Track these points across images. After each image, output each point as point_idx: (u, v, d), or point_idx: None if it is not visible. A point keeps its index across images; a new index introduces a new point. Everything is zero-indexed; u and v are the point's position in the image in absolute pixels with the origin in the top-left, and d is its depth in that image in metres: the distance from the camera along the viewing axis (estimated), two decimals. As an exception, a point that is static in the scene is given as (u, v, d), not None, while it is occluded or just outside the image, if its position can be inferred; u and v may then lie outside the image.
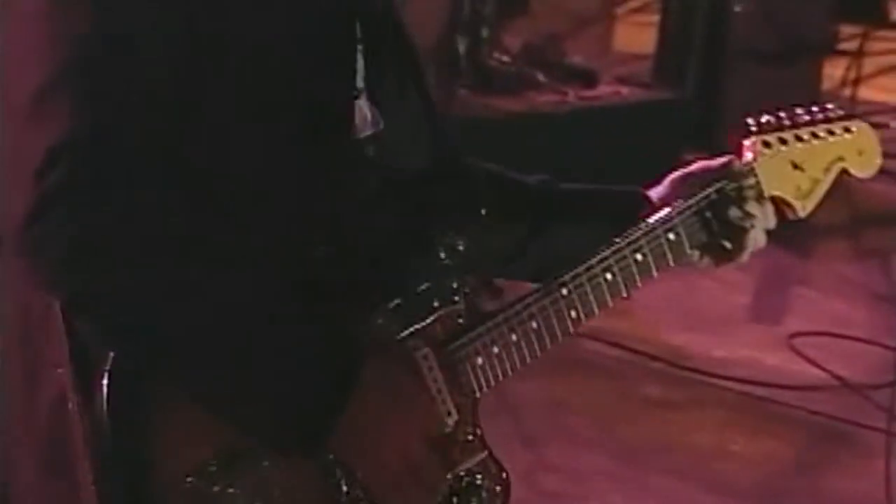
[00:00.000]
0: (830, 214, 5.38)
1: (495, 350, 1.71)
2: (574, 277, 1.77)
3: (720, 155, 1.93)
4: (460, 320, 1.70)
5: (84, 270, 1.47)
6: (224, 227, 1.56)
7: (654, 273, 1.83)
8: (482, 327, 1.71)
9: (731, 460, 3.70)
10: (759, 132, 1.94)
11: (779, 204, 1.94)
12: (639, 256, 1.81)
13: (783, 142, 1.95)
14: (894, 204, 5.38)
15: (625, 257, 1.80)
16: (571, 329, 1.78)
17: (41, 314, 1.56)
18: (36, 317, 1.57)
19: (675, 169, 1.95)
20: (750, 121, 1.94)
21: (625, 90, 5.47)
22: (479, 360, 1.70)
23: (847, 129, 2.03)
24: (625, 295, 1.81)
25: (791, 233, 1.98)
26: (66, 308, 1.52)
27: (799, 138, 1.97)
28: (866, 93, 6.17)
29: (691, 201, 1.85)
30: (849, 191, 5.44)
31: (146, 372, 1.53)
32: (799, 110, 1.98)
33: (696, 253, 1.88)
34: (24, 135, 1.47)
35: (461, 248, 1.74)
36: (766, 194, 1.91)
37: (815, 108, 1.99)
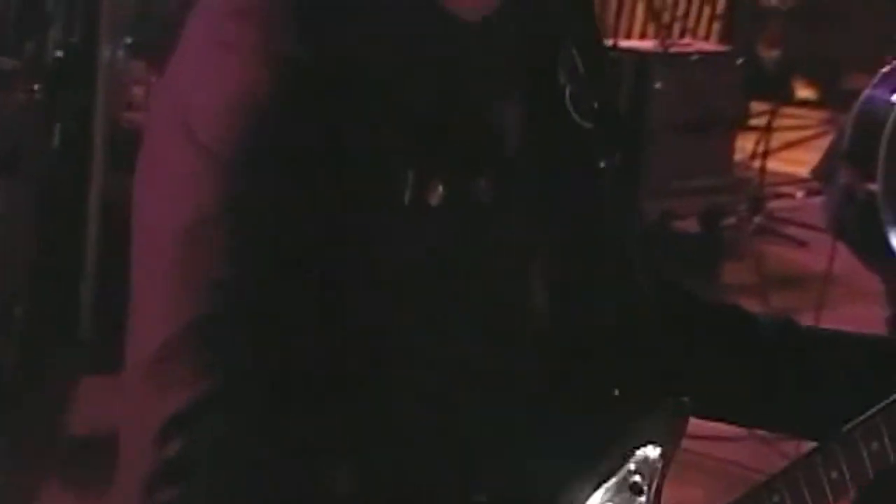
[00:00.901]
0: (743, 276, 5.51)
1: None
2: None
3: None
4: None
5: None
6: None
7: None
8: None
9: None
10: None
11: None
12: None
13: None
14: (801, 267, 5.49)
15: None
16: None
17: None
18: None
19: None
20: None
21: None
22: None
23: None
24: None
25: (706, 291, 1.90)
26: None
27: None
28: (774, 165, 6.30)
29: None
30: (760, 255, 5.58)
31: None
32: None
33: None
34: (142, 395, 1.22)
35: None
36: None
37: None
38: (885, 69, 3.47)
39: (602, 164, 1.44)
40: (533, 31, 1.38)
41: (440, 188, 1.26)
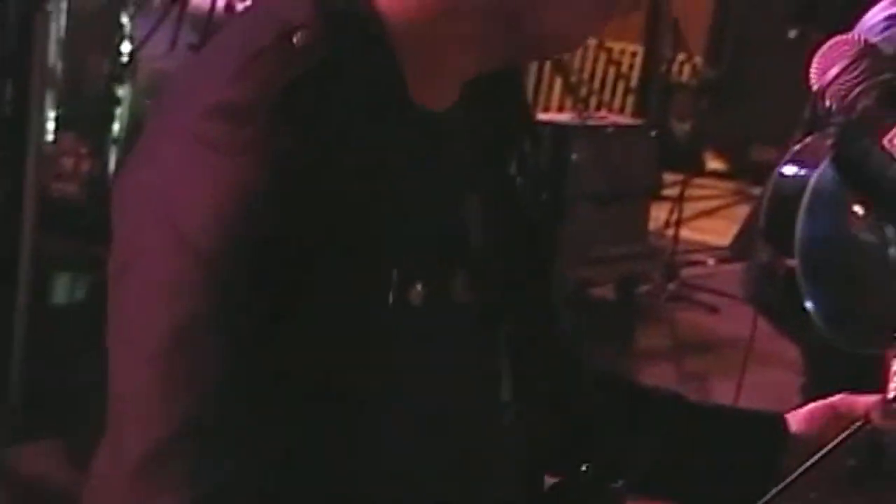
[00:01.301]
0: (658, 342, 5.57)
1: None
2: None
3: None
4: None
5: None
6: None
7: None
8: None
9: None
10: None
11: None
12: None
13: None
14: (713, 333, 5.55)
15: None
16: None
17: None
18: None
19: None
20: None
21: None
22: None
23: None
24: None
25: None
26: None
27: None
28: (686, 233, 6.38)
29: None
30: (674, 321, 5.64)
31: None
32: None
33: None
34: (128, 499, 1.19)
35: None
36: None
37: None
38: (797, 147, 3.54)
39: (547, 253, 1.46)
40: (486, 123, 1.38)
41: (419, 287, 1.25)
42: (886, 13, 3.21)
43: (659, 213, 6.33)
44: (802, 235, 3.33)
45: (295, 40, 1.22)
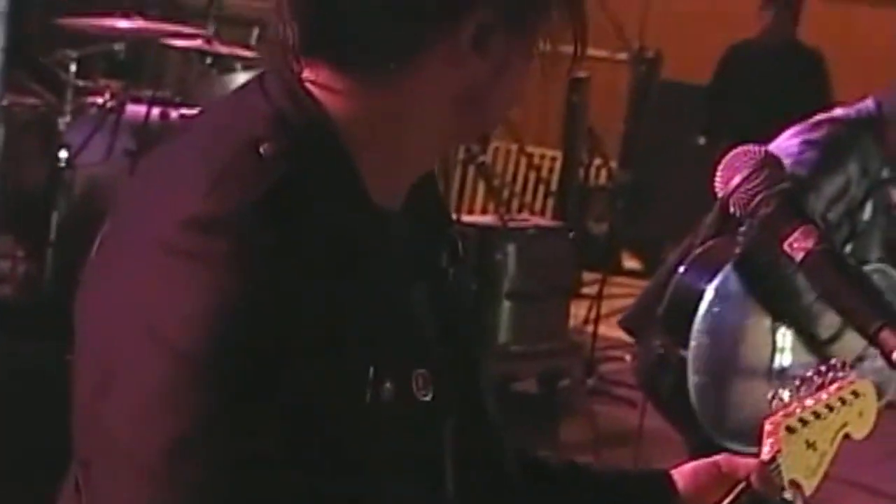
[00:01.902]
0: (578, 434, 5.59)
1: None
2: None
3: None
4: None
5: None
6: None
7: None
8: None
9: None
10: (785, 414, 1.63)
11: (789, 486, 1.62)
12: None
13: (804, 423, 1.64)
14: (631, 425, 5.57)
15: None
16: None
17: None
18: None
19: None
20: (778, 402, 1.63)
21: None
22: None
23: (856, 394, 1.72)
24: None
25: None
26: None
27: (817, 415, 1.66)
28: (604, 330, 6.42)
29: None
30: (593, 414, 5.67)
31: None
32: (813, 375, 1.69)
33: None
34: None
35: None
36: (786, 483, 1.60)
37: (825, 369, 1.70)
38: (698, 251, 3.59)
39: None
40: (417, 216, 1.41)
41: (388, 384, 1.26)
42: (802, 138, 3.31)
43: (578, 311, 6.38)
44: (699, 331, 3.39)
45: (261, 152, 1.25)
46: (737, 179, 1.39)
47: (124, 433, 1.21)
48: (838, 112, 3.47)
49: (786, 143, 3.33)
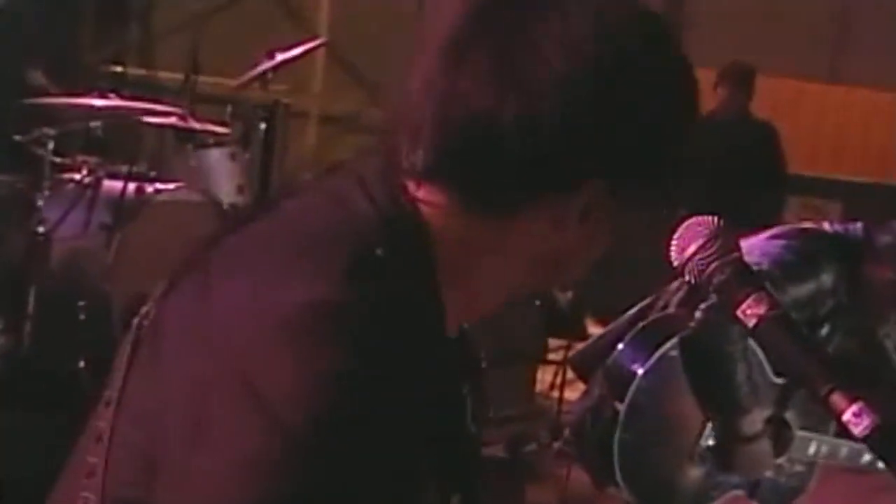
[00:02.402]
0: (544, 497, 5.57)
1: None
2: None
3: None
4: None
5: None
6: None
7: None
8: None
9: None
10: None
11: None
12: None
13: None
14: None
15: None
16: None
17: None
18: None
19: None
20: None
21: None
22: None
23: None
24: None
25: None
26: None
27: None
28: (570, 395, 6.40)
29: None
30: (559, 477, 5.65)
31: None
32: None
33: None
34: None
35: None
36: None
37: None
38: (644, 323, 3.62)
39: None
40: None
41: (454, 500, 1.34)
42: (785, 242, 3.38)
43: (544, 376, 6.39)
44: (637, 391, 3.40)
45: (378, 253, 1.30)
46: (692, 248, 1.41)
47: (208, 487, 1.24)
48: (826, 226, 3.53)
49: (767, 244, 3.38)
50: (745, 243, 1.46)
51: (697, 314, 3.39)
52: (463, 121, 1.31)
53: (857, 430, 1.30)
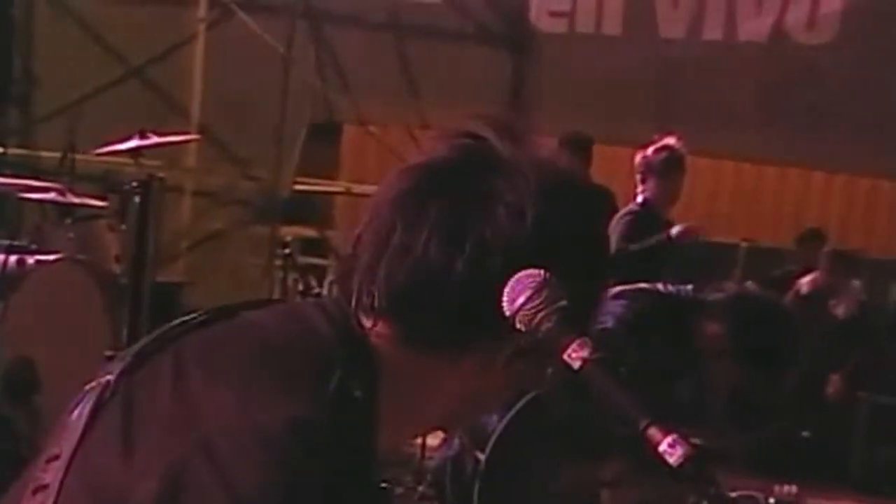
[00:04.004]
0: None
1: None
2: None
3: None
4: None
5: None
6: None
7: None
8: None
9: None
10: None
11: None
12: None
13: None
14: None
15: None
16: None
17: None
18: None
19: None
20: None
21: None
22: None
23: None
24: None
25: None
26: None
27: None
28: (431, 440, 6.43)
29: None
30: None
31: None
32: None
33: None
34: None
35: None
36: None
37: None
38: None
39: None
40: None
41: None
42: (624, 302, 3.52)
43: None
44: (494, 441, 3.44)
45: (339, 373, 1.33)
46: (521, 299, 1.43)
47: None
48: (660, 287, 3.72)
49: (610, 304, 3.53)
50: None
51: (549, 371, 3.44)
52: (415, 269, 1.37)
53: (671, 460, 1.32)
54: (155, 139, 5.97)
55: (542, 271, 1.50)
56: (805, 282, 8.02)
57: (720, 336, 3.52)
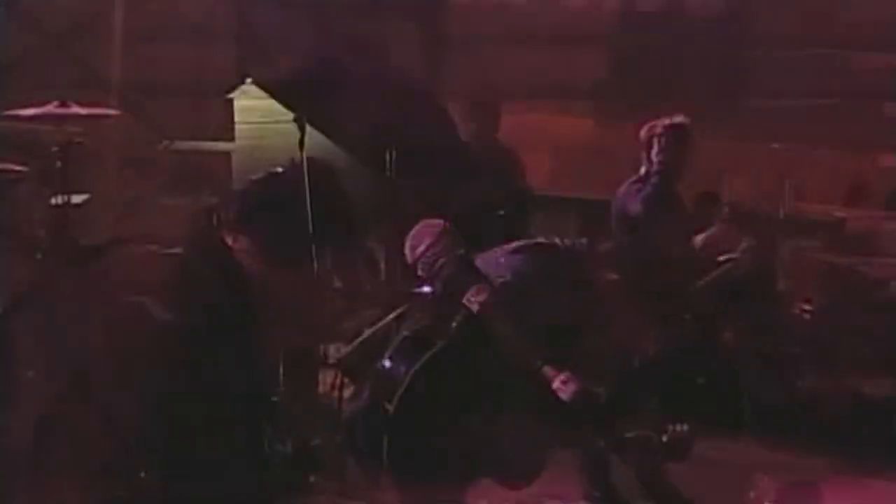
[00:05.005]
0: None
1: None
2: None
3: None
4: None
5: None
6: None
7: None
8: None
9: None
10: None
11: None
12: None
13: None
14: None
15: None
16: None
17: None
18: None
19: None
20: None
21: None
22: None
23: None
24: None
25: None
26: None
27: None
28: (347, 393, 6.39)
29: None
30: None
31: None
32: None
33: None
34: None
35: None
36: None
37: None
38: (402, 336, 3.76)
39: None
40: None
41: None
42: (523, 256, 3.56)
43: (325, 378, 6.31)
44: (401, 393, 3.49)
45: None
46: (422, 248, 1.43)
47: None
48: (557, 240, 3.86)
49: (510, 258, 3.61)
50: (492, 255, 1.50)
51: (454, 323, 3.47)
52: None
53: (564, 396, 1.34)
54: (75, 109, 5.84)
55: (441, 221, 1.50)
56: (699, 238, 8.15)
57: (614, 283, 3.63)
